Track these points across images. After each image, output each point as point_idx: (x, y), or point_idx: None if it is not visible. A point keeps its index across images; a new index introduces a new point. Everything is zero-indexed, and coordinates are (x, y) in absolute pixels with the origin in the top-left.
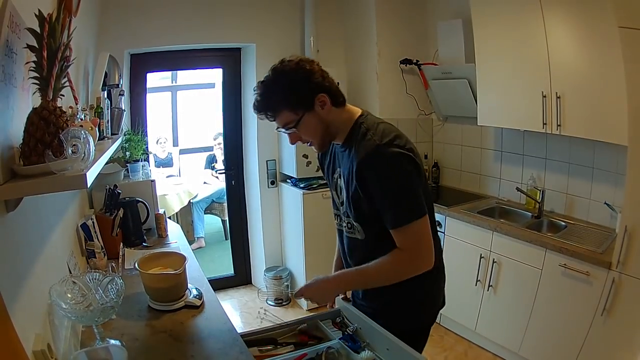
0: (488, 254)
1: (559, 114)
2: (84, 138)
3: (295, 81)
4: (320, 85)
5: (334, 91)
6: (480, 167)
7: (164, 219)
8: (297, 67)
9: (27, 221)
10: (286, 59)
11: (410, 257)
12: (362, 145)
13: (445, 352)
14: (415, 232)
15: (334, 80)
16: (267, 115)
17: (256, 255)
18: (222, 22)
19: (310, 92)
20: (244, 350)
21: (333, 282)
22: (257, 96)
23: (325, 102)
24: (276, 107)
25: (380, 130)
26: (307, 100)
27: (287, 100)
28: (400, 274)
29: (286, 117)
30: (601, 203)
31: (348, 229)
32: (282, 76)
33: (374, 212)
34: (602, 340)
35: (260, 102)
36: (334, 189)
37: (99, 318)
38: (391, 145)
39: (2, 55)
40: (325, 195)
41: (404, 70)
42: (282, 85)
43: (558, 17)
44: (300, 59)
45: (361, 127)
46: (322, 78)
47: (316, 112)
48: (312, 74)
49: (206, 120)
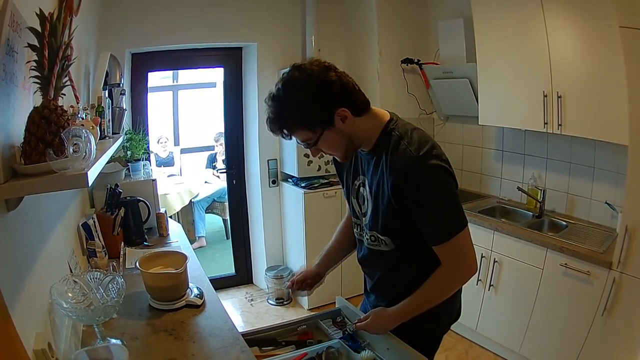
0: (489, 253)
1: (560, 113)
2: (85, 137)
3: (311, 98)
4: (339, 98)
5: (355, 101)
6: (481, 167)
7: (165, 218)
8: (308, 79)
9: (28, 220)
10: (297, 67)
11: (457, 271)
12: (397, 155)
13: (446, 351)
14: (459, 244)
15: (354, 83)
16: (283, 134)
17: (257, 255)
18: (223, 21)
19: (329, 108)
20: (245, 350)
21: (394, 316)
22: (270, 113)
23: (346, 116)
24: (291, 127)
25: (416, 140)
26: (326, 117)
27: (303, 121)
28: (451, 289)
29: (303, 135)
30: (602, 203)
31: (371, 242)
32: (295, 92)
33: (406, 226)
34: (603, 339)
35: (274, 121)
36: (355, 196)
37: (100, 317)
38: (430, 156)
39: (3, 54)
40: (327, 194)
41: (405, 70)
42: (296, 103)
43: (559, 16)
44: (312, 66)
45: (392, 134)
46: (342, 88)
47: (337, 127)
48: (329, 86)
49: (207, 119)
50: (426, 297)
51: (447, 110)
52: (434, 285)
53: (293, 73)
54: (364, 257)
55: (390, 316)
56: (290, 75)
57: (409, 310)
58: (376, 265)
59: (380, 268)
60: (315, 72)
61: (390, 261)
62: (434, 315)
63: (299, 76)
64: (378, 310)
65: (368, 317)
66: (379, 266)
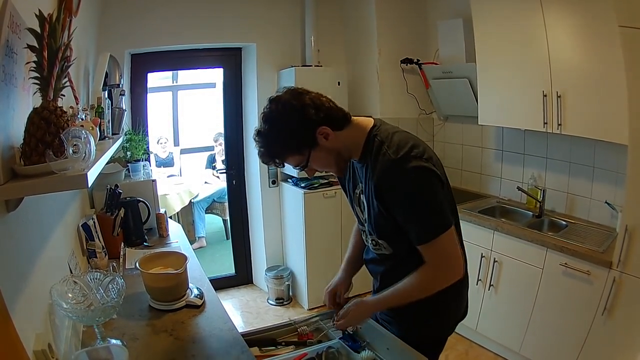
0: (489, 253)
1: (560, 113)
2: (85, 138)
3: (290, 125)
4: (315, 119)
5: (332, 117)
6: (481, 167)
7: (165, 219)
8: (285, 109)
9: (27, 221)
10: (273, 99)
11: (439, 271)
12: (378, 160)
13: (446, 351)
14: (441, 245)
15: (329, 100)
16: (275, 163)
17: (257, 255)
18: (223, 21)
19: (309, 130)
20: (245, 350)
21: (372, 305)
22: (259, 148)
23: (327, 133)
24: (280, 155)
25: (395, 143)
26: (308, 139)
27: (289, 147)
28: (432, 288)
29: (294, 160)
30: (602, 202)
31: (374, 246)
32: (275, 123)
33: (397, 229)
34: (603, 339)
35: (264, 154)
36: (357, 204)
37: (100, 318)
38: (408, 158)
39: (2, 56)
40: (327, 194)
41: (404, 70)
42: (278, 133)
43: (558, 16)
44: (286, 95)
45: (375, 140)
46: (316, 109)
47: (321, 145)
48: (303, 110)
49: (207, 120)
50: (407, 291)
51: (446, 110)
52: (415, 281)
53: (270, 106)
54: (370, 260)
55: (370, 307)
56: (269, 109)
57: (389, 302)
58: (379, 268)
59: (382, 271)
60: (290, 100)
61: (390, 264)
62: (438, 315)
63: (276, 108)
64: (358, 302)
65: (347, 313)
66: (381, 269)
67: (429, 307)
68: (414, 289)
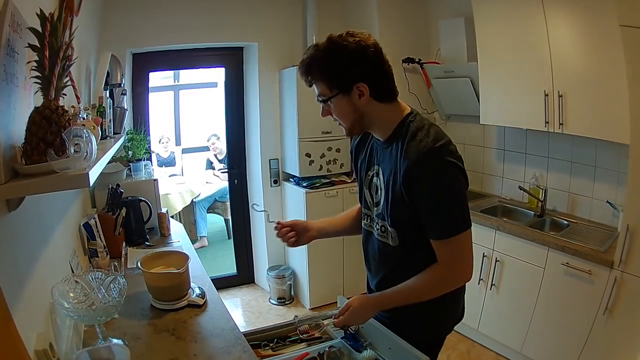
0: (491, 252)
1: (561, 112)
2: (87, 137)
3: (341, 60)
4: (365, 74)
5: (379, 85)
6: (483, 166)
7: (167, 218)
8: (351, 47)
9: (29, 220)
10: (351, 33)
11: (451, 271)
12: (413, 145)
13: (447, 350)
14: (459, 244)
15: (390, 73)
16: (307, 79)
17: (259, 254)
18: (224, 21)
19: (352, 76)
20: (247, 349)
21: (375, 302)
22: (305, 57)
23: (364, 92)
24: (315, 75)
25: (433, 133)
26: (345, 83)
27: (326, 75)
28: (442, 289)
29: (321, 88)
30: (603, 202)
31: (381, 232)
32: (332, 49)
33: (413, 219)
34: (605, 338)
35: (304, 65)
36: (367, 187)
37: (102, 317)
38: (445, 151)
39: (3, 55)
40: (328, 194)
41: (406, 69)
42: (328, 58)
43: (560, 15)
44: (365, 42)
45: (410, 125)
46: (372, 66)
47: (351, 98)
48: (362, 59)
49: (209, 119)
50: (416, 290)
51: (448, 109)
52: (425, 280)
53: (347, 37)
54: (372, 254)
55: (373, 305)
56: (343, 38)
57: (393, 300)
58: (381, 263)
59: (384, 267)
60: (361, 45)
61: (394, 261)
62: (437, 316)
63: (347, 41)
64: (359, 299)
65: (347, 309)
66: (384, 265)
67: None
68: (424, 288)
